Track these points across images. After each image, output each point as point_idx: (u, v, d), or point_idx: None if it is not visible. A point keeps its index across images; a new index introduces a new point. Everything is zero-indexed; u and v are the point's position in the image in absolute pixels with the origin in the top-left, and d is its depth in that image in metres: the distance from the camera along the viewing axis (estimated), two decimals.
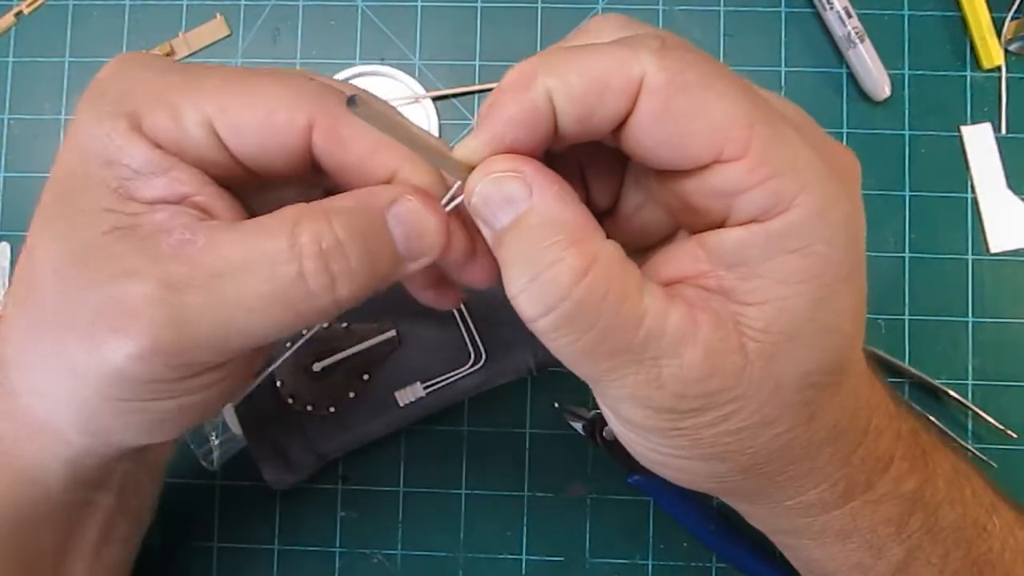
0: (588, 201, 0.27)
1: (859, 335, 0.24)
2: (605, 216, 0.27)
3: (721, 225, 0.22)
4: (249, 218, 0.25)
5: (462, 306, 0.38)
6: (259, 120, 0.24)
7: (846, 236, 0.22)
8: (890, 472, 0.26)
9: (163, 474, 0.36)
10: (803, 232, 0.21)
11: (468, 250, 0.25)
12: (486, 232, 0.23)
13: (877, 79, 0.47)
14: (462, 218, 0.25)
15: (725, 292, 0.22)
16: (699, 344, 0.21)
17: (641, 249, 0.27)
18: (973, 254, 0.47)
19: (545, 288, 0.21)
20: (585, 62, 0.21)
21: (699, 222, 0.23)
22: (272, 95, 0.24)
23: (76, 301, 0.23)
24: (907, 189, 0.48)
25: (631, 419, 0.23)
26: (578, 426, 0.45)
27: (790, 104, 0.23)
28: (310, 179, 0.26)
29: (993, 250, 0.47)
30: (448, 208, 0.25)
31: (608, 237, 0.22)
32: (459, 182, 0.24)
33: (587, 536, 0.46)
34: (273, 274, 0.22)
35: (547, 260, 0.21)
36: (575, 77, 0.21)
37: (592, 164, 0.26)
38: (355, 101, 0.18)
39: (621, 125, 0.22)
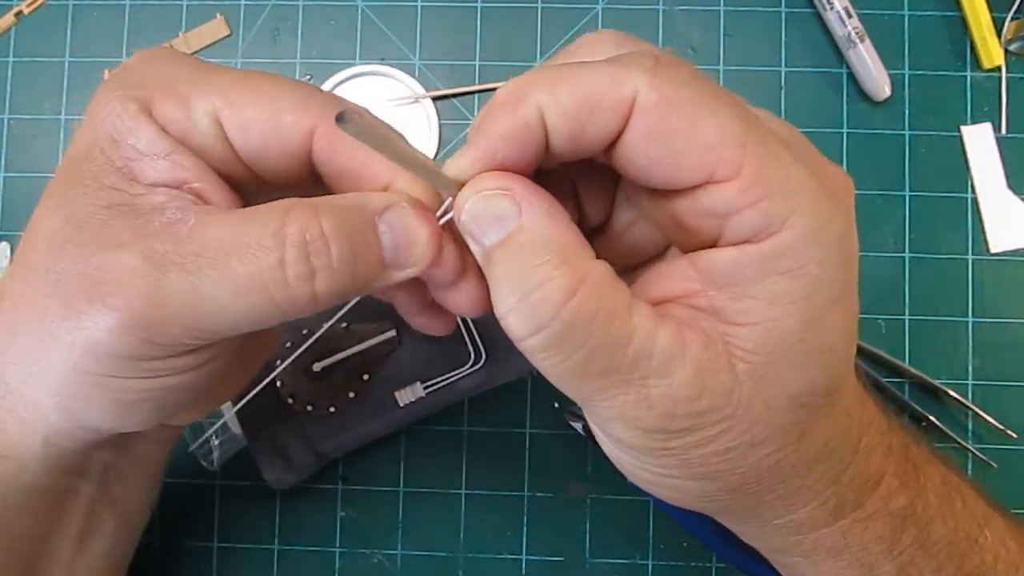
0: (580, 218, 0.26)
1: (851, 355, 0.24)
2: (596, 233, 0.27)
3: (713, 244, 0.22)
4: (240, 201, 0.25)
5: None
6: (265, 118, 0.24)
7: (838, 257, 0.21)
8: (880, 489, 0.26)
9: (160, 474, 0.36)
10: (795, 253, 0.21)
11: (457, 270, 0.25)
12: (475, 250, 0.22)
13: (877, 79, 0.47)
14: (455, 237, 0.25)
15: (715, 312, 0.22)
16: (688, 364, 0.21)
17: (631, 267, 0.27)
18: (973, 254, 0.47)
19: (534, 307, 0.21)
20: (577, 79, 0.21)
21: (691, 241, 0.23)
22: (280, 96, 0.24)
23: (62, 270, 0.23)
24: (907, 189, 0.48)
25: (621, 439, 0.23)
26: (578, 426, 0.45)
27: (783, 123, 0.23)
28: (306, 187, 0.26)
29: (993, 250, 0.47)
30: (442, 221, 0.25)
31: (599, 254, 0.22)
32: (452, 198, 0.25)
33: (587, 536, 0.46)
34: (253, 259, 0.22)
35: (536, 279, 0.21)
36: (566, 95, 0.21)
37: (584, 181, 0.26)
38: (344, 117, 0.18)
39: (613, 143, 0.21)
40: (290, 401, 0.38)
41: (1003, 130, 0.47)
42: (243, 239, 0.22)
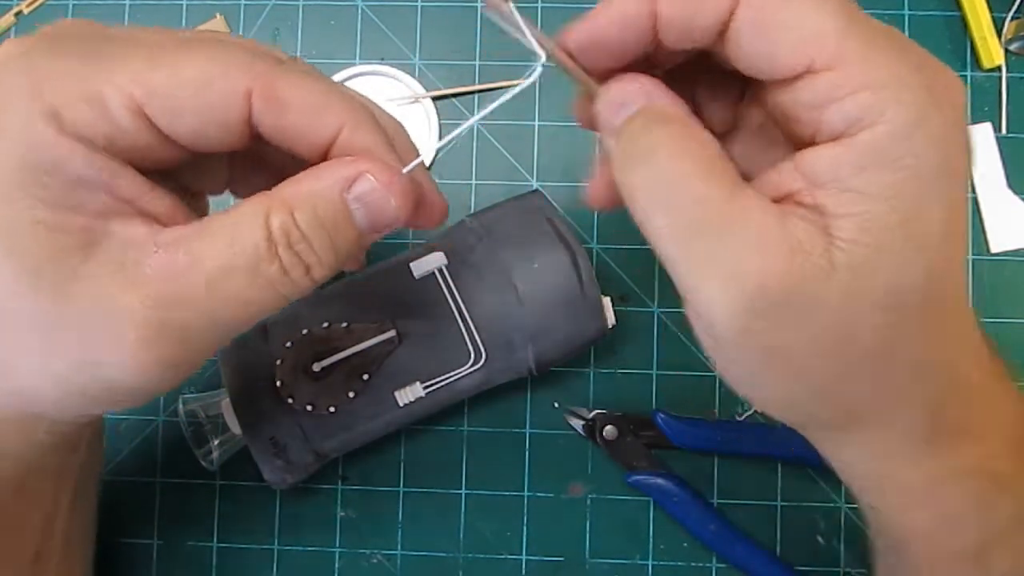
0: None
1: (952, 264, 0.24)
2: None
3: (812, 141, 0.23)
4: (184, 206, 0.26)
5: (462, 306, 0.38)
6: (194, 98, 0.23)
7: (937, 154, 0.21)
8: (985, 447, 0.26)
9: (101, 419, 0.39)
10: (892, 147, 0.21)
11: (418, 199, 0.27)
12: (607, 134, 0.25)
13: None
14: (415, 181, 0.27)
15: (818, 208, 0.22)
16: (786, 239, 0.22)
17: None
18: (973, 254, 0.47)
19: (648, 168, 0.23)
20: None
21: (797, 138, 0.24)
22: (204, 68, 0.23)
23: (57, 321, 0.22)
24: None
25: (710, 310, 0.23)
26: (578, 426, 0.45)
27: (891, 28, 0.24)
28: (249, 148, 0.26)
29: (993, 250, 0.47)
30: (406, 169, 0.26)
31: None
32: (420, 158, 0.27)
33: (587, 536, 0.46)
34: (257, 274, 0.23)
35: (652, 140, 0.23)
36: None
37: (706, 91, 0.28)
38: None
39: (722, 36, 0.23)
40: (290, 401, 0.38)
41: (1003, 130, 0.47)
42: (240, 261, 0.23)
